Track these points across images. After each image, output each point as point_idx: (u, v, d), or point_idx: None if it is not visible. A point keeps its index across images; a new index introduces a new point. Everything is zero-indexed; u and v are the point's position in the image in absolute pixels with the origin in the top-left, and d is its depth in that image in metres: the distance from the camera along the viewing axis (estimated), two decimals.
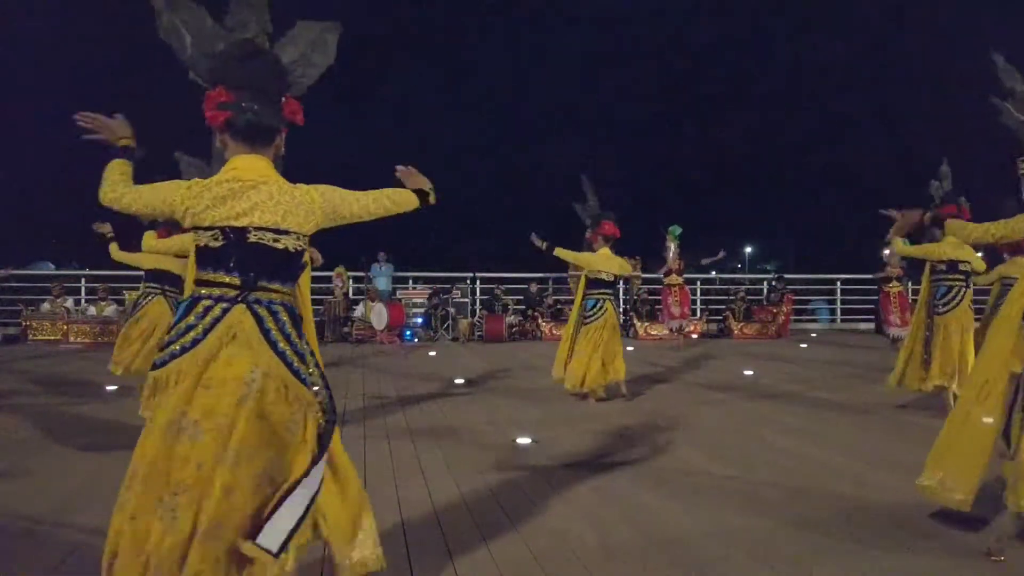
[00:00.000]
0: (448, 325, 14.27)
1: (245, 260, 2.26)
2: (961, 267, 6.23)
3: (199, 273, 2.31)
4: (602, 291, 6.95)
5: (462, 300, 14.70)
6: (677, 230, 12.70)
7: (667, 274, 12.72)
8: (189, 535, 2.08)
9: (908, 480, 4.21)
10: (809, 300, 17.90)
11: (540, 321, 14.28)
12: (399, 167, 2.67)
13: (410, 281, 16.45)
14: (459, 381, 8.10)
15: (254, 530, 2.12)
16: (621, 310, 13.54)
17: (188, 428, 2.14)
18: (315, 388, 2.30)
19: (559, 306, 14.97)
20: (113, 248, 6.83)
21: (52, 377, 8.31)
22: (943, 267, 6.25)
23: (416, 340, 13.86)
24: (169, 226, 6.98)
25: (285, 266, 2.33)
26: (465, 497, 3.84)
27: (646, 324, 14.12)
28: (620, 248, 7.07)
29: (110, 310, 13.33)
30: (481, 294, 15.78)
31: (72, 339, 12.64)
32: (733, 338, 14.37)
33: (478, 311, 15.14)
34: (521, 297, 15.28)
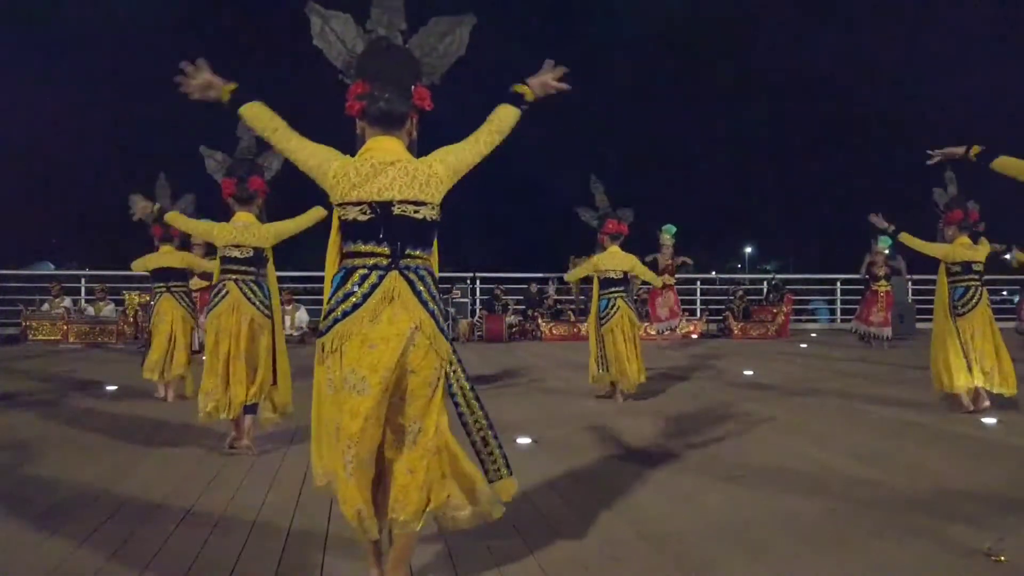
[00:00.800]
0: (448, 325, 14.24)
1: (392, 231, 2.51)
2: (975, 267, 6.31)
3: (349, 246, 2.55)
4: (612, 290, 6.98)
5: (462, 300, 14.69)
6: (672, 229, 12.69)
7: (660, 273, 12.73)
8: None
9: (907, 479, 4.22)
10: (809, 300, 17.90)
11: (540, 321, 14.27)
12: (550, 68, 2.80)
13: None
14: None
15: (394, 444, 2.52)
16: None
17: (357, 384, 2.41)
18: (452, 341, 2.64)
19: (559, 306, 14.97)
20: (133, 266, 7.31)
21: (52, 377, 8.31)
22: (958, 268, 6.33)
23: None
24: (162, 227, 7.06)
25: (425, 234, 2.59)
26: None
27: (645, 324, 14.11)
28: (622, 248, 7.09)
29: (108, 310, 13.32)
30: (481, 294, 15.77)
31: (71, 339, 12.64)
32: (733, 338, 14.37)
33: (478, 311, 15.13)
34: (521, 297, 15.28)
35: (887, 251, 12.52)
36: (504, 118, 2.72)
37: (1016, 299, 13.61)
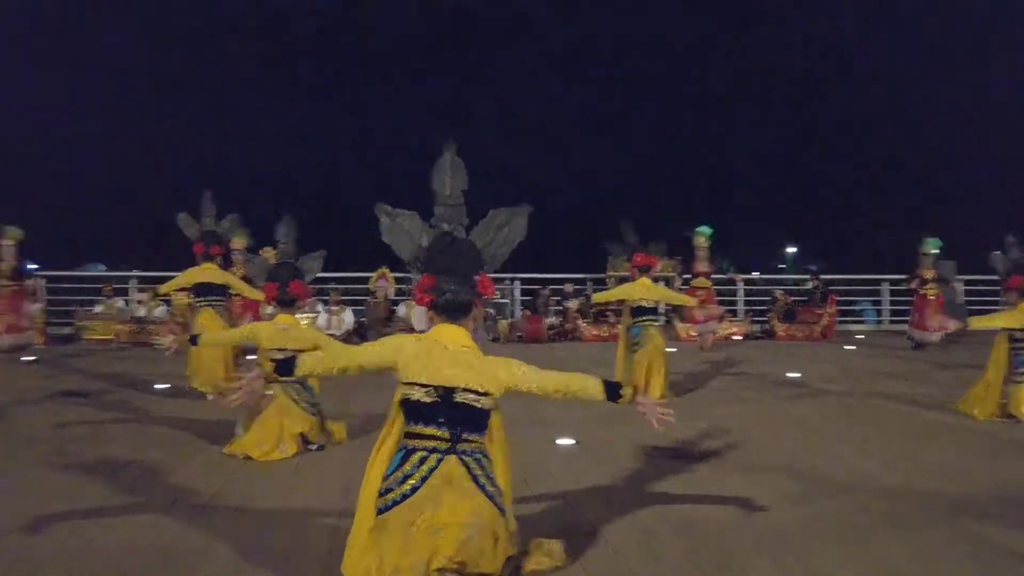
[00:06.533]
0: (488, 325, 14.29)
1: (453, 416, 2.69)
2: None
3: (411, 426, 2.72)
4: (645, 318, 7.10)
5: (502, 301, 14.71)
6: (707, 231, 12.53)
7: (695, 276, 12.62)
8: None
9: (947, 482, 4.13)
10: (855, 301, 17.52)
11: (580, 322, 14.20)
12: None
13: None
14: None
15: None
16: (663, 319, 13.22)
17: (420, 568, 2.49)
18: (511, 521, 2.75)
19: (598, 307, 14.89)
20: (160, 288, 8.09)
21: (104, 376, 8.53)
22: (1021, 335, 6.20)
23: None
24: (205, 242, 7.26)
25: (482, 421, 2.77)
26: None
27: (686, 326, 13.95)
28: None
29: (159, 311, 13.61)
30: (522, 295, 15.77)
31: (123, 339, 12.94)
32: (777, 340, 14.15)
33: (518, 312, 15.13)
34: (559, 298, 15.23)
35: (935, 252, 12.18)
36: (585, 391, 2.88)
37: None
